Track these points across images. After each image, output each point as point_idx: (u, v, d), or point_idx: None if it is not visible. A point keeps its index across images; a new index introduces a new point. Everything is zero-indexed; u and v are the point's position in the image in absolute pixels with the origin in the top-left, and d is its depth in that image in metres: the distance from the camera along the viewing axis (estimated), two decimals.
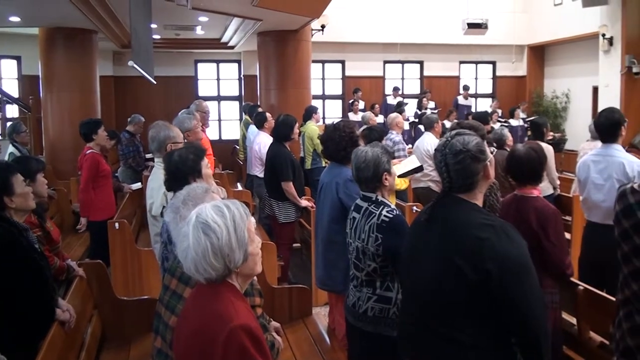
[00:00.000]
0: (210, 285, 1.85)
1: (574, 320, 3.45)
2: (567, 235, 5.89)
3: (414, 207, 5.42)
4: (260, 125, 7.73)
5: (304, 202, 6.00)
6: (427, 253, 2.10)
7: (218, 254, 1.79)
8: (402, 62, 16.23)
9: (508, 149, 6.19)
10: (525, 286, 1.96)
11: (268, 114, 7.85)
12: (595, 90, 13.85)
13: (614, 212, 2.47)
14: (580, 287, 3.33)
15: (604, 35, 12.90)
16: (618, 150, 4.17)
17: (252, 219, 1.94)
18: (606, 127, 4.20)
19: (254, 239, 1.90)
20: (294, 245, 6.54)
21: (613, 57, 12.81)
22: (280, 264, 5.78)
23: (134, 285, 5.21)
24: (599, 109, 6.34)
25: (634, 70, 12.38)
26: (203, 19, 9.88)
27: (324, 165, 8.08)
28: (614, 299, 3.15)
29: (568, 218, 6.04)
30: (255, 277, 2.22)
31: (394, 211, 2.98)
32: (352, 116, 13.30)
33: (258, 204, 7.75)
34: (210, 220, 1.80)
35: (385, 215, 2.93)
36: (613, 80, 12.82)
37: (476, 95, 16.92)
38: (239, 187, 8.19)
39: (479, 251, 1.93)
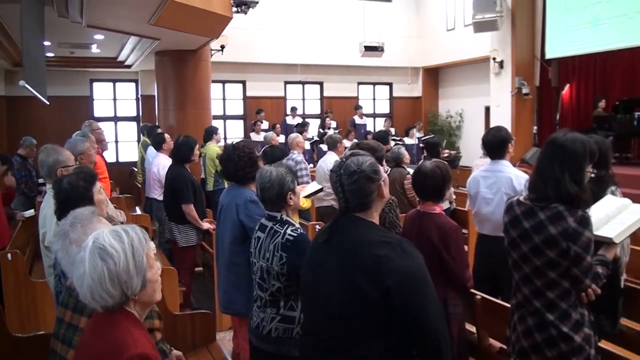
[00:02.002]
0: (107, 314, 1.78)
1: (474, 329, 3.57)
2: (465, 247, 6.15)
3: (317, 226, 5.47)
4: (158, 147, 7.55)
5: (205, 225, 5.90)
6: (327, 273, 2.12)
7: (115, 281, 1.73)
8: (303, 83, 16.45)
9: (405, 167, 6.42)
10: (425, 299, 2.01)
11: (167, 135, 7.70)
12: (488, 110, 14.64)
13: (503, 223, 2.63)
14: (478, 297, 3.46)
15: (494, 58, 13.72)
16: (506, 166, 4.38)
17: (152, 244, 1.90)
18: (494, 144, 4.41)
19: (153, 265, 1.86)
20: (196, 269, 6.40)
21: (504, 79, 13.62)
22: (182, 290, 5.65)
23: (29, 321, 4.91)
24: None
25: (524, 91, 13.25)
26: (99, 36, 9.60)
27: (226, 186, 8.00)
28: (508, 305, 3.34)
29: (465, 231, 6.29)
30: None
31: (299, 230, 2.99)
32: (255, 136, 13.29)
33: (158, 228, 7.55)
34: (108, 245, 1.75)
35: (289, 234, 2.93)
36: (504, 100, 13.63)
37: (374, 115, 17.39)
38: (138, 211, 7.94)
39: (378, 268, 1.97)
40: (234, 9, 9.61)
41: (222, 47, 12.42)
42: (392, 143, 10.30)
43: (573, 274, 2.38)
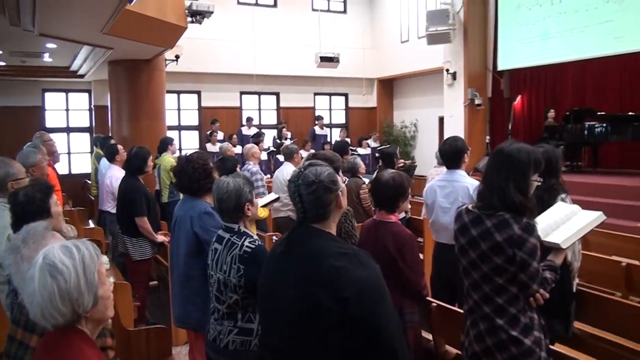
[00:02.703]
0: (58, 333, 1.73)
1: (430, 337, 3.60)
2: (421, 256, 6.20)
3: (274, 237, 5.45)
4: (111, 159, 7.40)
5: (160, 238, 5.81)
6: (284, 284, 2.10)
7: (66, 298, 1.69)
8: (259, 93, 16.43)
9: (361, 177, 6.46)
10: (382, 309, 2.02)
11: (120, 146, 7.55)
12: (441, 120, 14.89)
13: (454, 231, 2.69)
14: (434, 304, 3.49)
15: (447, 70, 14.00)
16: (462, 176, 4.45)
17: (104, 259, 1.86)
18: (450, 154, 4.48)
19: (105, 282, 1.82)
20: (151, 283, 6.29)
21: (457, 90, 13.91)
22: (136, 305, 5.53)
23: None
24: (445, 138, 6.77)
25: (476, 102, 13.56)
26: (51, 45, 9.38)
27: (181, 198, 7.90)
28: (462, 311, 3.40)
29: (420, 239, 6.36)
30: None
31: (256, 242, 2.97)
32: (210, 147, 13.19)
33: (111, 242, 7.40)
34: (58, 261, 1.70)
35: (247, 246, 2.91)
36: (457, 111, 13.90)
37: (330, 126, 17.47)
38: (91, 225, 7.78)
39: (336, 279, 1.97)
40: (189, 19, 9.56)
41: (177, 57, 12.32)
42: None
43: (520, 279, 2.43)
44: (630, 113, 11.43)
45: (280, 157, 10.20)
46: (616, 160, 12.78)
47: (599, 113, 11.73)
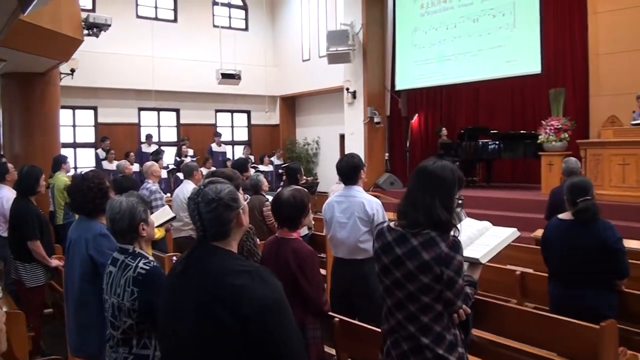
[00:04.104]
0: None
1: (333, 352, 3.63)
2: (323, 272, 6.26)
3: (174, 257, 5.32)
4: (1, 178, 6.98)
5: (54, 262, 5.52)
6: (184, 305, 2.06)
7: None
8: (158, 110, 16.08)
9: (264, 194, 6.45)
10: (284, 328, 2.01)
11: (10, 165, 7.13)
12: (342, 137, 15.19)
13: (374, 250, 2.64)
14: (336, 319, 3.52)
15: (348, 89, 14.34)
16: (358, 191, 4.53)
17: None
18: (347, 170, 4.56)
19: None
20: (45, 311, 5.96)
21: (357, 108, 14.26)
22: (30, 335, 5.22)
23: None
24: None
25: (376, 120, 13.96)
26: None
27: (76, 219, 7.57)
28: (366, 325, 3.44)
29: (323, 255, 6.41)
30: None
31: (152, 263, 2.88)
32: (107, 165, 12.76)
33: (3, 268, 6.96)
34: None
35: (141, 268, 2.81)
36: (357, 128, 14.24)
37: (233, 143, 17.39)
38: None
39: (237, 298, 1.95)
40: (85, 31, 9.25)
41: (73, 70, 11.87)
42: (252, 170, 10.35)
43: (446, 297, 2.43)
44: (521, 131, 12.21)
45: (181, 175, 10.01)
46: (508, 176, 13.59)
47: (492, 131, 12.41)
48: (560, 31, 12.12)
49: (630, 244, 5.06)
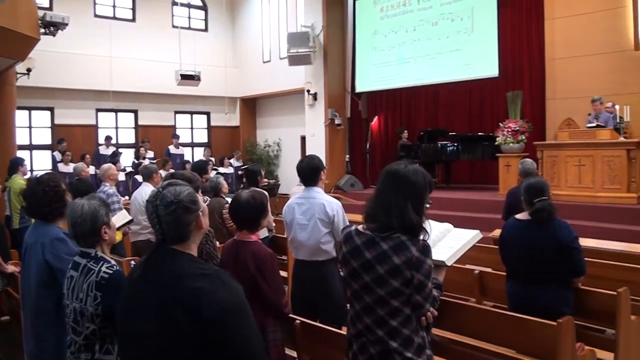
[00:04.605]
0: None
1: (295, 354, 3.62)
2: (284, 274, 6.24)
3: (132, 262, 5.24)
4: None
5: (10, 268, 5.36)
6: (144, 310, 2.02)
7: None
8: (116, 111, 15.83)
9: (224, 196, 6.40)
10: (244, 331, 2.00)
11: None
12: (304, 139, 15.20)
13: (341, 254, 2.62)
14: (297, 322, 3.51)
15: (309, 91, 14.37)
16: (319, 193, 4.54)
17: None
18: (307, 172, 4.56)
19: None
20: (2, 318, 5.80)
21: (318, 110, 14.30)
22: None
23: None
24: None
25: (336, 122, 14.04)
26: None
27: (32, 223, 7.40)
28: (327, 327, 3.45)
29: (284, 257, 6.40)
30: None
31: (115, 267, 2.83)
32: (63, 167, 12.50)
33: None
34: None
35: (104, 272, 2.76)
36: (318, 130, 14.28)
37: (192, 145, 17.23)
38: None
39: (197, 301, 1.93)
40: (42, 30, 9.06)
41: (29, 70, 11.58)
42: (213, 172, 10.27)
43: (415, 300, 2.42)
44: (479, 133, 12.42)
45: (139, 178, 9.86)
46: (467, 177, 13.79)
47: (450, 133, 12.58)
48: (517, 36, 12.37)
49: (586, 242, 5.17)
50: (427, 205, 2.58)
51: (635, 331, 4.02)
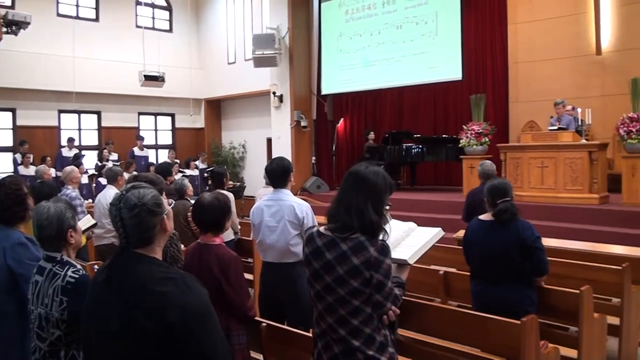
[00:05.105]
0: None
1: (261, 357, 3.61)
2: (250, 276, 6.22)
3: (96, 266, 5.16)
4: None
5: None
6: (108, 315, 2.00)
7: None
8: (79, 112, 15.55)
9: (189, 199, 6.35)
10: (210, 335, 1.99)
11: None
12: (270, 141, 15.16)
13: (304, 255, 2.65)
14: (264, 324, 3.50)
15: (274, 92, 14.35)
16: (288, 195, 4.54)
17: None
18: (277, 173, 4.55)
19: None
20: None
21: (284, 112, 14.30)
22: None
23: None
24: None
25: (302, 124, 14.05)
26: None
27: None
28: (294, 330, 3.46)
29: (250, 260, 6.38)
30: None
31: (81, 271, 2.78)
32: (23, 170, 12.25)
33: None
34: None
35: (70, 276, 2.70)
36: (284, 132, 14.28)
37: (157, 147, 17.07)
38: None
39: (162, 306, 1.91)
40: (4, 29, 8.88)
41: None
42: (179, 175, 10.18)
43: (375, 299, 2.46)
44: (443, 135, 12.57)
45: (103, 180, 9.70)
46: (432, 178, 13.94)
47: (415, 135, 12.70)
48: (481, 40, 12.56)
49: (548, 242, 5.27)
50: (387, 207, 2.62)
51: (598, 328, 4.13)
